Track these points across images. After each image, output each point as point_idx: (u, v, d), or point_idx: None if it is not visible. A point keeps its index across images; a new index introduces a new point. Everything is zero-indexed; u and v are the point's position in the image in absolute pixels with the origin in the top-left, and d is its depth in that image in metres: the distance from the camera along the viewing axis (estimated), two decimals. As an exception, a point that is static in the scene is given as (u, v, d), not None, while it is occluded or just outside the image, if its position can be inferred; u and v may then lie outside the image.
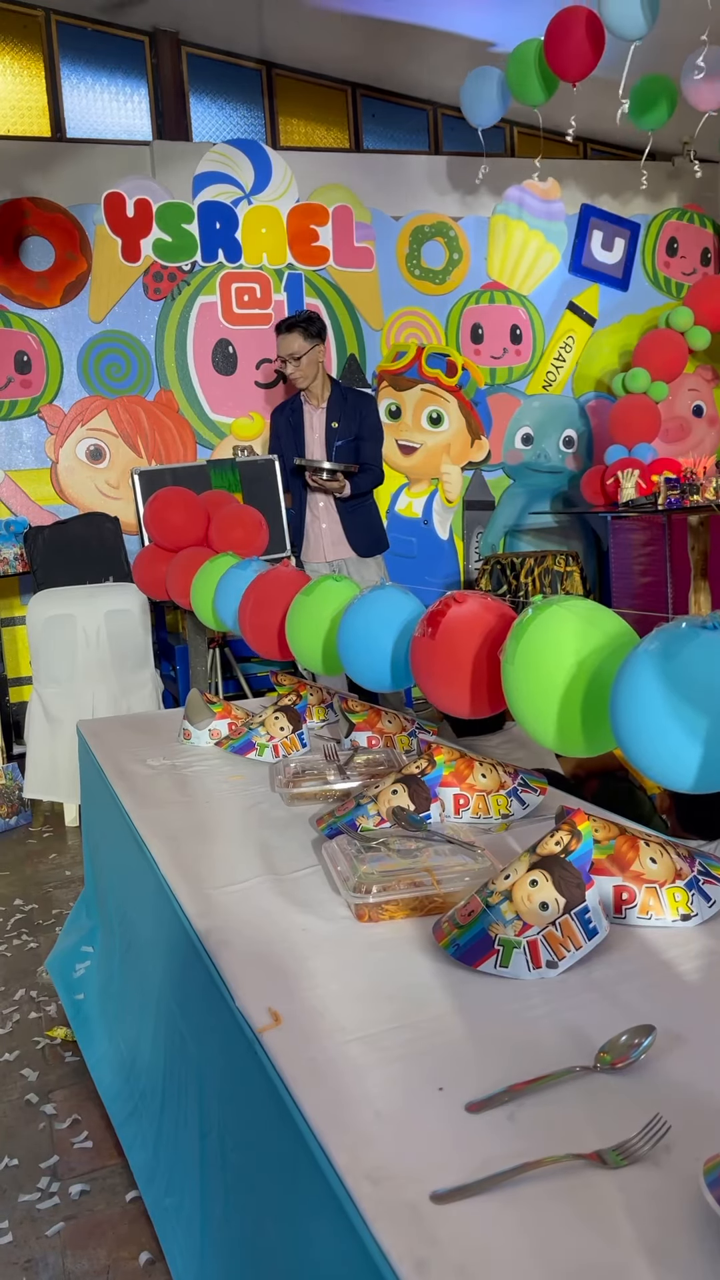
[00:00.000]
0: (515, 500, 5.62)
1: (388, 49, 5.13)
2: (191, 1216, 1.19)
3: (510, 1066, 0.85)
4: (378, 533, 4.08)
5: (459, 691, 1.31)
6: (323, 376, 3.98)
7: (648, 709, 0.95)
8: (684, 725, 0.92)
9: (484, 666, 1.28)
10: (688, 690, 0.92)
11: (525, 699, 1.15)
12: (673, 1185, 0.70)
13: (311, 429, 4.00)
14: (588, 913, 1.01)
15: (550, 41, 4.01)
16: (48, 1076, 2.13)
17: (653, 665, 0.95)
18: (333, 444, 3.94)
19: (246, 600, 2.02)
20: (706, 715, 0.91)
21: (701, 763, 0.93)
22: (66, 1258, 1.60)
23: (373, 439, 3.96)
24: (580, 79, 4.01)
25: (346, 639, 1.61)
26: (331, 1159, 0.75)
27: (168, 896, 1.31)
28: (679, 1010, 0.93)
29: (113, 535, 4.54)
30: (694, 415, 5.96)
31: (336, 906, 1.20)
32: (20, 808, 3.90)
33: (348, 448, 3.93)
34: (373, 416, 3.98)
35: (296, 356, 3.86)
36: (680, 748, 0.93)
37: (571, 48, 3.92)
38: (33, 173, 4.75)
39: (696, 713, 0.92)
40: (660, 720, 0.94)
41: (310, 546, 4.04)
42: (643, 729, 0.96)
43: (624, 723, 0.98)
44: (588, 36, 3.87)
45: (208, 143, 4.93)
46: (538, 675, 1.13)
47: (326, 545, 3.99)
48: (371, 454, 3.94)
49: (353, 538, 3.96)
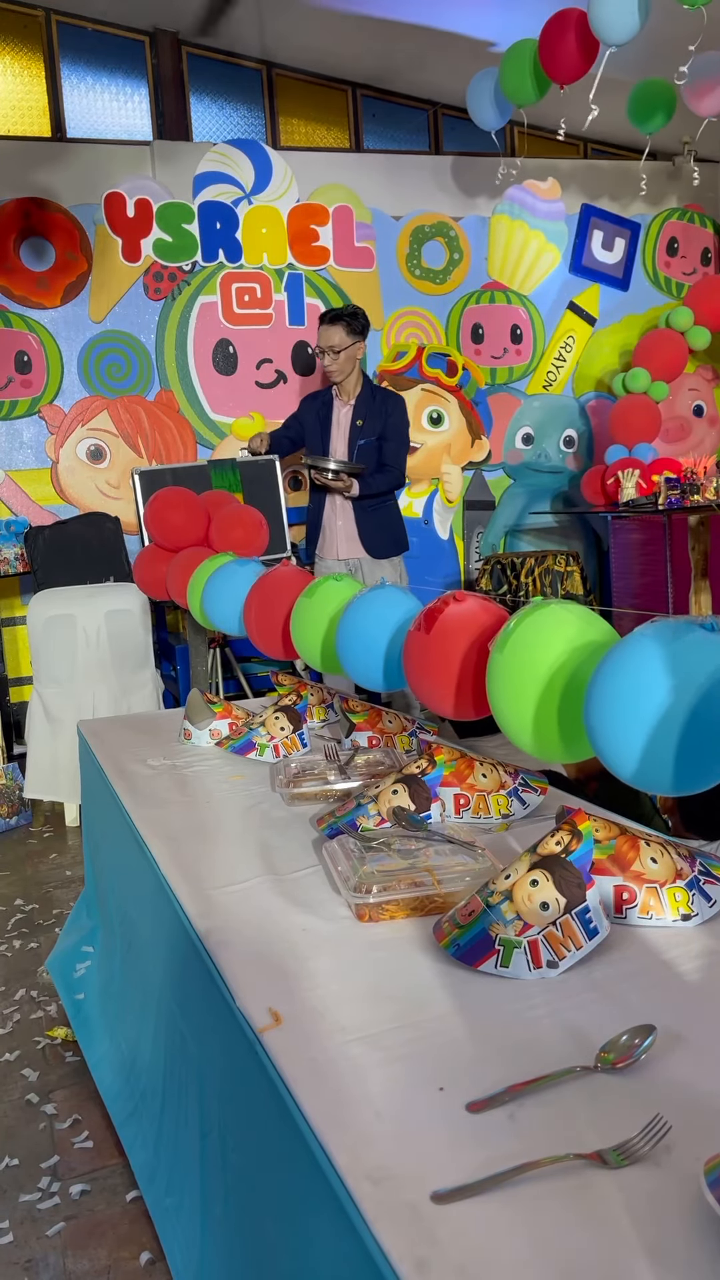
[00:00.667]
0: (515, 500, 5.62)
1: (388, 49, 5.13)
2: (192, 1216, 1.19)
3: (511, 1066, 0.85)
4: (395, 534, 3.99)
5: (446, 689, 1.31)
6: (357, 374, 3.95)
7: (616, 709, 0.94)
8: (658, 726, 0.91)
9: (473, 667, 1.27)
10: (661, 690, 0.91)
11: (506, 702, 1.15)
12: (673, 1185, 0.70)
13: (337, 424, 3.97)
14: (588, 913, 1.01)
15: (545, 43, 4.01)
16: (48, 1076, 2.13)
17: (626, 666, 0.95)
18: (355, 442, 3.90)
19: (251, 601, 2.02)
20: (681, 714, 0.90)
21: (675, 763, 0.92)
22: (67, 1258, 1.60)
23: (396, 440, 3.90)
24: (571, 82, 4.02)
25: (345, 637, 1.61)
26: (332, 1159, 0.75)
27: (168, 896, 1.31)
28: (680, 1010, 0.93)
29: (113, 535, 4.54)
30: (694, 415, 5.96)
31: (337, 906, 1.20)
32: (21, 808, 3.90)
33: (370, 447, 3.88)
34: (399, 418, 3.92)
35: (336, 350, 3.83)
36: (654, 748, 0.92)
37: (564, 50, 3.92)
38: (33, 173, 4.75)
39: (670, 711, 0.91)
40: (629, 720, 0.93)
41: (325, 542, 3.98)
42: (614, 730, 0.95)
43: (596, 724, 0.97)
44: (579, 39, 3.87)
45: (208, 143, 4.93)
46: (519, 678, 1.12)
47: (341, 543, 3.94)
48: (393, 455, 3.89)
49: (366, 538, 3.90)
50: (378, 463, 3.87)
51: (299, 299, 5.04)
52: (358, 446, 3.88)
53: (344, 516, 3.91)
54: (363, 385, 3.95)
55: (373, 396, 3.93)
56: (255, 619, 1.99)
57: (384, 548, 3.95)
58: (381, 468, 3.87)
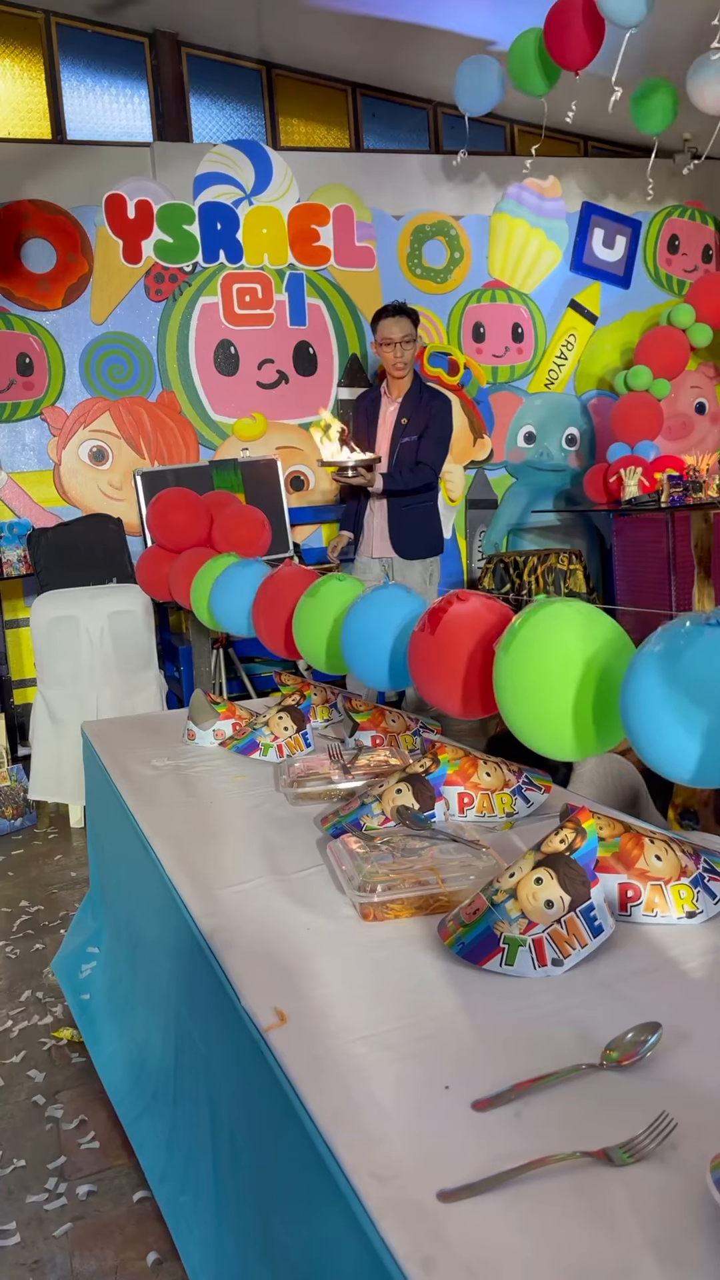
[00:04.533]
0: (518, 499, 5.62)
1: (387, 48, 5.13)
2: (206, 1214, 1.19)
3: (516, 1064, 0.85)
4: (427, 537, 3.93)
5: (452, 690, 1.31)
6: (411, 372, 3.91)
7: (654, 705, 0.94)
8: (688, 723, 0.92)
9: (479, 666, 1.27)
10: (694, 687, 0.92)
11: (513, 700, 1.15)
12: (679, 1182, 0.70)
13: (384, 422, 3.92)
14: (593, 910, 1.00)
15: (550, 30, 3.99)
16: (54, 1078, 2.13)
17: (660, 663, 0.95)
18: (399, 439, 3.86)
19: (259, 600, 2.02)
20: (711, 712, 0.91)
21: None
22: (74, 1258, 1.60)
23: (434, 439, 3.84)
24: (581, 67, 3.97)
25: (349, 637, 1.61)
26: (338, 1157, 0.76)
27: (173, 896, 1.31)
28: (685, 1007, 0.93)
29: (116, 536, 4.54)
30: (696, 412, 5.96)
31: (341, 906, 1.20)
32: (25, 809, 3.90)
33: (411, 445, 3.83)
34: (441, 417, 3.86)
35: (409, 340, 3.78)
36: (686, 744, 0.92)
37: (571, 35, 3.89)
38: (34, 175, 4.76)
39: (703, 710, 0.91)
40: (667, 717, 0.93)
41: (364, 541, 3.94)
42: (650, 725, 0.95)
43: (633, 718, 0.97)
44: (586, 24, 3.85)
45: (208, 143, 4.93)
46: (526, 677, 1.12)
47: (376, 541, 3.89)
48: (430, 454, 3.83)
49: (397, 538, 3.85)
50: (414, 460, 3.82)
51: (300, 299, 5.04)
52: (400, 444, 3.84)
53: (380, 515, 3.87)
54: (412, 384, 3.91)
55: (420, 395, 3.88)
56: (263, 618, 1.99)
57: (415, 549, 3.89)
58: (415, 465, 3.81)
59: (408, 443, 3.84)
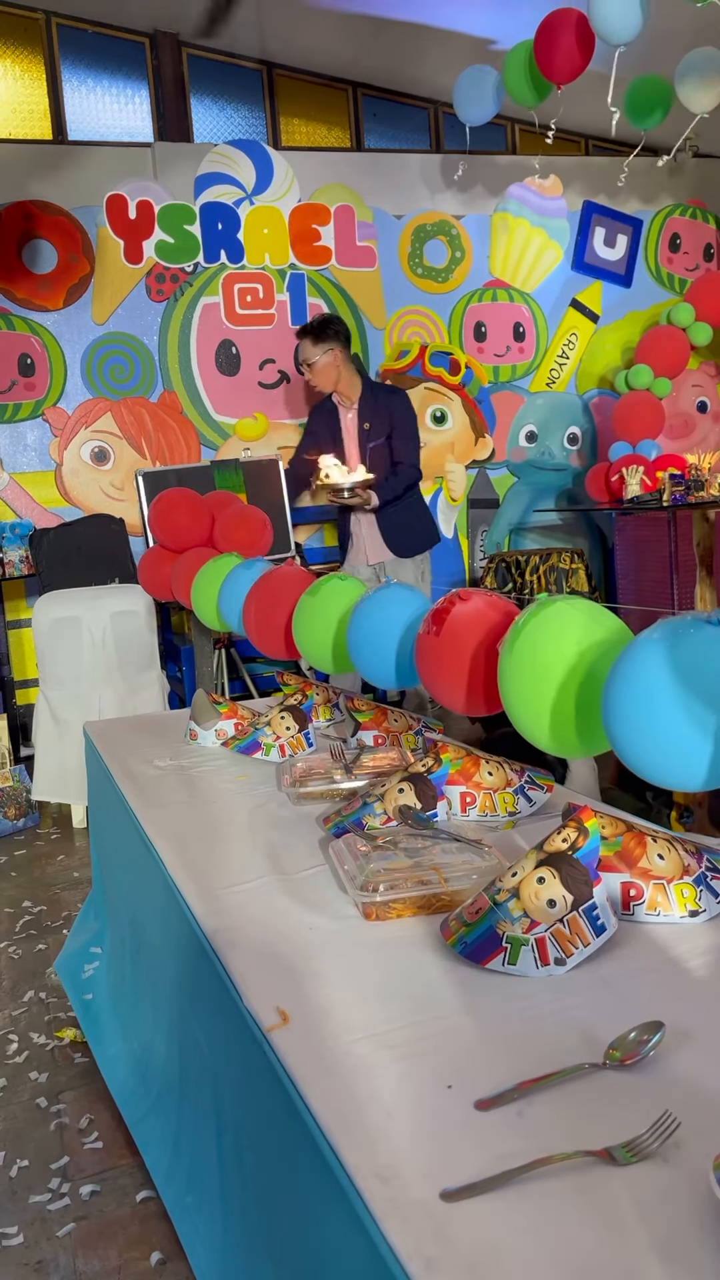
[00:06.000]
0: (519, 498, 5.62)
1: (388, 48, 5.13)
2: (213, 1214, 1.19)
3: (519, 1064, 0.85)
4: (421, 530, 3.92)
5: (458, 688, 1.31)
6: (349, 377, 3.84)
7: (644, 704, 0.94)
8: (690, 720, 0.91)
9: (484, 665, 1.28)
10: (685, 685, 0.91)
11: (518, 698, 1.15)
12: (682, 1182, 0.70)
13: (347, 432, 3.89)
14: (595, 909, 1.00)
15: (540, 44, 4.00)
16: (57, 1078, 2.13)
17: (648, 660, 0.94)
18: (366, 446, 3.81)
19: (250, 601, 2.02)
20: (710, 711, 0.91)
21: (711, 761, 0.92)
22: (77, 1258, 1.60)
23: (405, 436, 3.80)
24: (568, 82, 4.01)
25: (355, 637, 1.61)
26: (341, 1157, 0.75)
27: (175, 896, 1.31)
28: (688, 1006, 0.93)
29: (117, 537, 4.54)
30: (698, 411, 5.95)
31: (344, 905, 1.20)
32: (28, 810, 3.91)
33: (381, 448, 3.80)
34: (404, 413, 3.82)
35: (309, 363, 3.77)
36: (686, 745, 0.92)
37: (560, 50, 3.91)
38: (35, 176, 4.76)
39: (701, 708, 0.91)
40: (658, 717, 0.93)
41: (354, 550, 3.93)
42: (638, 725, 0.95)
43: (617, 720, 0.97)
44: (577, 39, 3.86)
45: (209, 144, 4.93)
46: (531, 674, 1.12)
47: (368, 549, 3.87)
48: (404, 452, 3.79)
49: (391, 539, 3.83)
50: (390, 463, 3.79)
51: (301, 299, 5.04)
52: (369, 450, 3.81)
53: (368, 524, 3.85)
54: (363, 387, 3.88)
55: (374, 396, 3.85)
56: (255, 619, 1.99)
57: (412, 545, 3.87)
58: (394, 467, 3.79)
59: (376, 446, 3.80)
